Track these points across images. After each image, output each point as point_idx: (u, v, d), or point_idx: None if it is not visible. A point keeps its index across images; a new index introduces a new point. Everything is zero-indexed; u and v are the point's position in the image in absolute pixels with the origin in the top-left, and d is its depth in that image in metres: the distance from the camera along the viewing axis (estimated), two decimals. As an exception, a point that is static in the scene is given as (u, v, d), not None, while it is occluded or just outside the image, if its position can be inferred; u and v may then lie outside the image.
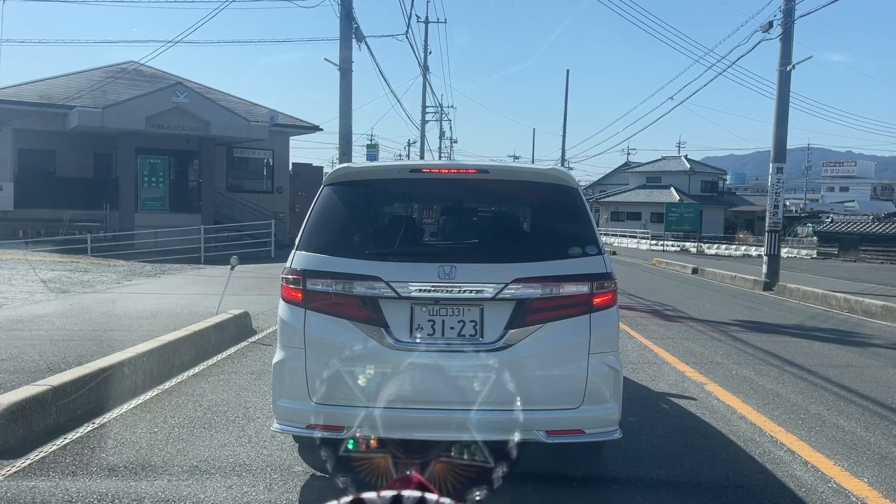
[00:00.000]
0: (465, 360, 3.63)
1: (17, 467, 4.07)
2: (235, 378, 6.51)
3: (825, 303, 14.41)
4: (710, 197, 59.91)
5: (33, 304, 10.08)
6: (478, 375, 3.59)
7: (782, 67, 17.48)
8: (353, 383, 3.58)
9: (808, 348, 9.14)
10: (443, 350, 3.63)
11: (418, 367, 3.59)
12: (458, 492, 2.81)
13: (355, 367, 3.62)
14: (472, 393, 3.55)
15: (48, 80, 27.14)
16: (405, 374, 3.58)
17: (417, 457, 3.39)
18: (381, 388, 3.57)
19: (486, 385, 3.57)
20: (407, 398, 3.57)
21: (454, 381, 3.58)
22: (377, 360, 3.60)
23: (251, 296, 11.86)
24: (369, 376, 3.58)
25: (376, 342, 3.62)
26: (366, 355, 3.61)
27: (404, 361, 3.59)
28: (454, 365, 3.61)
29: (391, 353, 3.60)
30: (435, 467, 3.38)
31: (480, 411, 3.53)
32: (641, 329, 10.18)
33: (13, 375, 5.76)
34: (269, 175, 30.87)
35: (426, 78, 39.91)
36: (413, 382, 3.58)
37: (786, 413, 5.80)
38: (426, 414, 3.56)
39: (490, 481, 2.03)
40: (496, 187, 4.34)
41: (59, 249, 20.90)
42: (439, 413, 3.56)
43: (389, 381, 3.58)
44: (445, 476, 3.35)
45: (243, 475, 4.07)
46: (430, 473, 3.32)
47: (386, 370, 3.59)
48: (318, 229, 3.91)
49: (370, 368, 3.59)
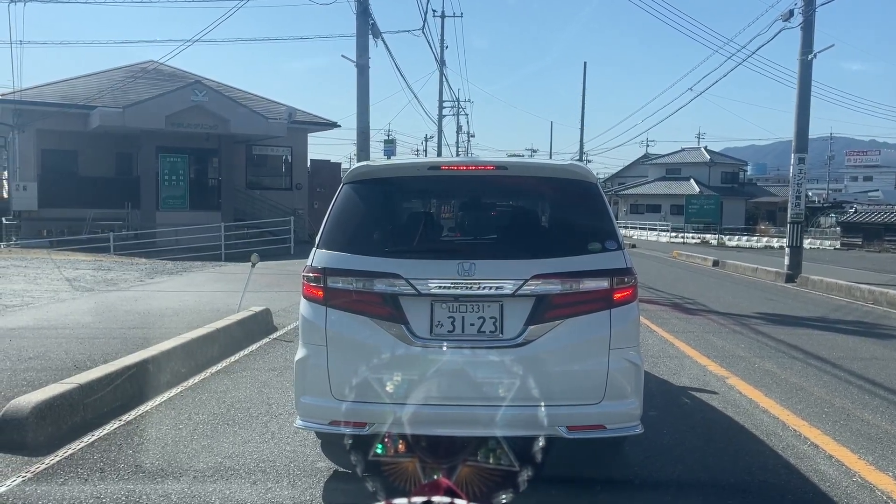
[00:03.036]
0: (485, 356, 3.64)
1: (47, 464, 4.15)
2: (258, 375, 6.57)
3: (849, 294, 14.24)
4: (731, 188, 59.32)
5: (59, 302, 10.24)
6: (498, 371, 3.60)
7: (803, 56, 17.26)
8: (374, 380, 3.60)
9: (832, 341, 9.04)
10: (463, 346, 3.64)
11: (439, 363, 3.61)
12: (485, 495, 2.83)
13: (376, 364, 3.64)
14: (492, 389, 3.56)
15: (69, 81, 27.48)
16: (426, 370, 3.60)
17: (444, 461, 3.42)
18: (402, 385, 3.60)
19: (506, 381, 3.58)
20: (428, 394, 3.58)
21: (474, 377, 3.59)
22: (398, 357, 3.62)
23: (272, 292, 11.95)
24: (390, 373, 3.61)
25: (397, 339, 3.64)
26: (386, 352, 3.64)
27: (425, 358, 3.61)
28: (474, 361, 3.63)
29: (412, 350, 3.62)
30: (461, 471, 3.40)
31: (501, 407, 3.54)
32: (662, 323, 10.13)
33: (41, 373, 5.86)
34: (288, 172, 31.04)
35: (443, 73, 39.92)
36: (433, 379, 3.60)
37: (809, 407, 5.75)
38: (447, 410, 3.58)
39: (516, 484, 2.04)
40: (514, 183, 4.34)
41: (82, 248, 21.19)
42: (460, 409, 3.57)
43: (410, 378, 3.60)
44: (472, 479, 3.37)
45: (267, 472, 4.12)
46: (456, 477, 3.34)
47: (406, 367, 3.61)
48: (337, 227, 3.94)
49: (391, 365, 3.61)
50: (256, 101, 29.84)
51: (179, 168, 26.43)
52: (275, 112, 28.69)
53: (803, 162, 17.82)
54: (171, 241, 23.45)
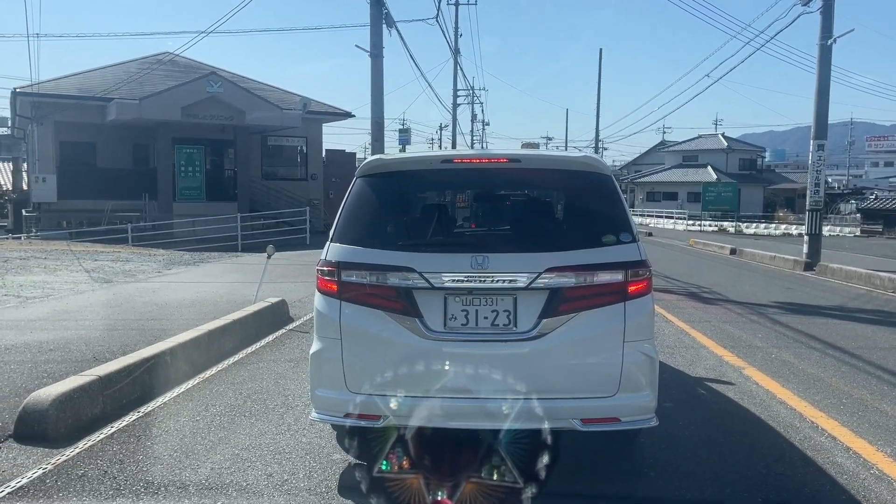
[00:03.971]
0: (499, 349, 3.64)
1: (67, 456, 4.21)
2: (274, 366, 6.62)
3: (868, 283, 14.09)
4: (749, 175, 58.74)
5: (78, 294, 10.36)
6: (512, 365, 3.60)
7: (823, 41, 17.01)
8: (388, 373, 3.62)
9: (851, 330, 8.96)
10: (476, 340, 3.65)
11: (452, 356, 3.62)
12: None
13: (390, 357, 3.66)
14: (506, 382, 3.57)
15: (86, 73, 27.69)
16: (440, 363, 3.61)
17: (448, 477, 3.43)
18: (416, 378, 3.61)
19: (521, 374, 3.58)
20: (442, 387, 3.60)
21: (488, 370, 3.60)
22: (412, 350, 3.63)
23: (287, 283, 12.02)
24: (404, 366, 3.62)
25: (410, 332, 3.65)
26: (400, 345, 3.65)
27: (438, 351, 3.62)
28: (488, 354, 3.63)
29: (425, 343, 3.63)
30: (465, 488, 3.41)
31: (515, 400, 3.55)
32: (678, 312, 10.08)
33: (61, 365, 5.94)
34: (303, 162, 31.13)
35: (457, 61, 39.77)
36: (447, 372, 3.61)
37: (827, 398, 5.71)
38: (461, 403, 3.59)
39: (520, 501, 2.05)
40: (528, 176, 4.33)
41: (101, 239, 21.41)
42: (474, 402, 3.58)
43: (424, 371, 3.61)
44: (476, 497, 3.39)
45: (283, 463, 4.16)
46: (460, 494, 3.36)
47: (421, 360, 3.62)
48: (351, 221, 3.95)
49: (405, 358, 3.62)
50: (271, 91, 29.91)
51: (195, 159, 26.59)
52: (289, 102, 28.75)
53: (822, 148, 17.60)
54: (187, 232, 23.64)
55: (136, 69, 27.41)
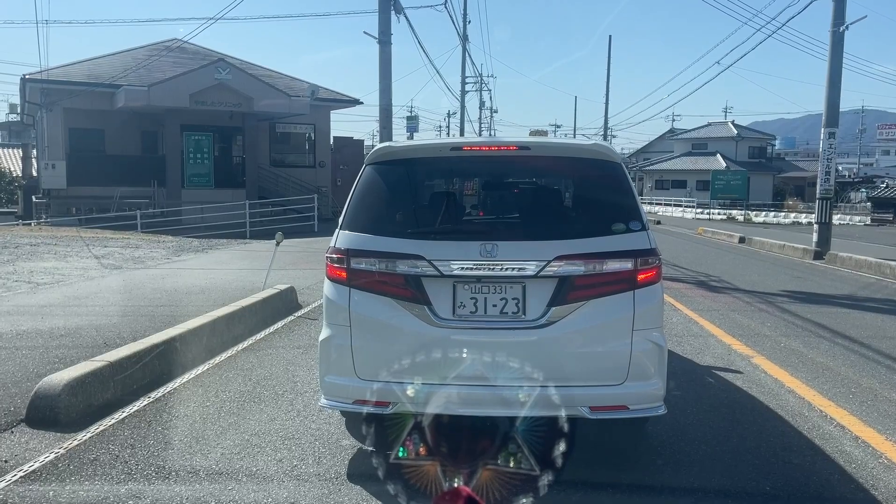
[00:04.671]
0: (508, 337, 3.65)
1: (79, 440, 4.25)
2: (283, 352, 6.66)
3: (878, 272, 14.01)
4: (759, 163, 58.39)
5: (88, 280, 10.42)
6: (520, 352, 3.61)
7: (835, 28, 16.83)
8: (397, 360, 3.63)
9: (860, 319, 8.92)
10: (485, 328, 3.66)
11: (461, 344, 3.63)
12: (505, 499, 2.89)
13: (399, 345, 3.67)
14: (514, 370, 3.58)
15: (95, 60, 27.71)
16: (448, 351, 3.62)
17: (464, 464, 3.46)
18: (424, 365, 3.62)
19: (529, 362, 3.59)
20: (450, 375, 3.61)
21: (497, 358, 3.60)
22: (420, 338, 3.64)
23: (296, 270, 12.05)
24: (413, 353, 3.63)
25: (419, 320, 3.66)
26: (409, 333, 3.66)
27: (447, 339, 3.63)
28: (497, 342, 3.64)
29: (434, 331, 3.64)
30: (481, 475, 3.43)
31: (523, 388, 3.56)
32: (686, 301, 10.06)
33: (72, 350, 5.99)
34: (311, 149, 31.12)
35: (466, 49, 39.53)
36: (456, 359, 3.62)
37: (836, 387, 5.70)
38: (469, 390, 3.61)
39: (536, 489, 2.07)
40: (538, 163, 4.32)
41: (110, 226, 21.51)
42: (482, 390, 3.59)
43: (433, 359, 3.62)
44: (492, 484, 3.40)
45: (293, 449, 4.19)
46: (476, 481, 3.38)
47: (429, 347, 3.63)
48: (360, 209, 3.95)
49: (414, 346, 3.64)
50: (279, 78, 29.88)
51: (204, 146, 26.63)
52: (298, 89, 28.71)
53: (833, 136, 17.45)
54: (196, 219, 23.72)
55: (144, 56, 27.40)
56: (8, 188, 38.48)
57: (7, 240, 15.87)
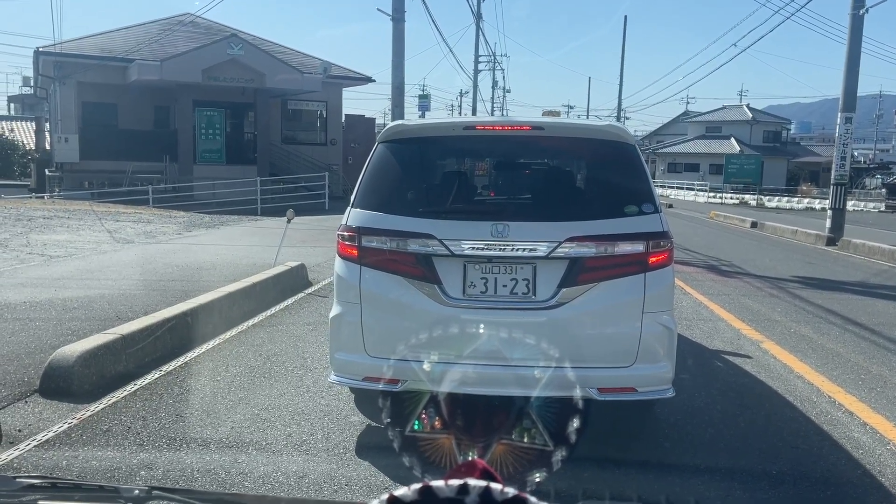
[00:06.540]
0: (518, 317, 3.65)
1: (92, 411, 4.31)
2: (293, 329, 6.70)
3: (892, 259, 13.91)
4: (773, 148, 57.79)
5: (101, 254, 10.50)
6: (530, 333, 3.61)
7: (854, 11, 16.56)
8: (406, 338, 3.65)
9: (872, 306, 8.87)
10: (495, 307, 3.66)
11: (471, 323, 3.64)
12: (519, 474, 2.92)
13: (409, 323, 3.69)
14: (523, 349, 3.58)
15: (108, 34, 27.64)
16: (458, 330, 3.64)
17: (479, 439, 3.48)
18: (434, 344, 3.63)
19: (538, 342, 3.59)
20: (459, 354, 3.62)
21: (506, 337, 3.61)
22: (430, 317, 3.65)
23: (307, 248, 12.09)
24: (423, 332, 3.64)
25: (430, 299, 3.67)
26: (419, 311, 3.68)
27: (457, 318, 3.64)
28: (506, 322, 3.65)
29: (444, 310, 3.65)
30: (496, 449, 3.45)
31: (531, 367, 3.57)
32: (697, 285, 10.03)
33: (85, 323, 6.05)
34: (323, 127, 31.03)
35: (479, 27, 39.20)
36: (465, 338, 3.64)
37: (845, 373, 5.68)
38: (478, 369, 3.61)
39: (550, 464, 2.09)
40: (551, 144, 4.30)
41: (122, 200, 21.60)
42: (490, 369, 3.61)
43: (442, 337, 3.63)
44: (506, 458, 3.43)
45: (302, 424, 4.23)
46: (490, 455, 3.41)
47: (439, 326, 3.64)
48: (372, 187, 3.95)
49: (423, 324, 3.65)
50: (292, 55, 29.72)
51: (216, 122, 26.61)
52: (310, 66, 28.57)
53: (850, 122, 17.24)
54: (207, 195, 23.74)
55: (157, 30, 27.31)
56: (21, 161, 38.65)
57: (21, 212, 15.99)
